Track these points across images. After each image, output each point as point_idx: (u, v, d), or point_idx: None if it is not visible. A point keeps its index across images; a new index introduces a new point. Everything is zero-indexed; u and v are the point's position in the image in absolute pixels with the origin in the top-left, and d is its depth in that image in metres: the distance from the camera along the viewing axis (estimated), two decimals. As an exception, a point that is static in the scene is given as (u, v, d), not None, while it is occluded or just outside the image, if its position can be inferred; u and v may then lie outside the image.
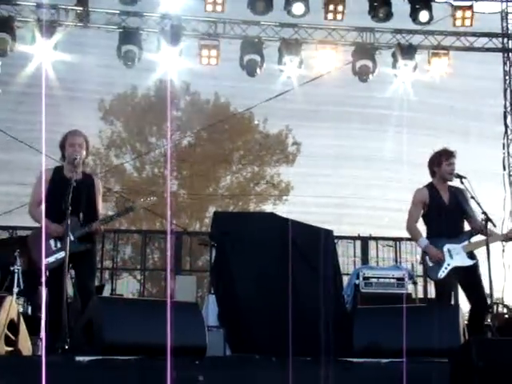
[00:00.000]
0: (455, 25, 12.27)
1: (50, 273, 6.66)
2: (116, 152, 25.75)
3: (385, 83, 13.02)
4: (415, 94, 12.87)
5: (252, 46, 12.09)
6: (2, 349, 5.16)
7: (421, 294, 12.41)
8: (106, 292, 12.09)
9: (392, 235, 14.65)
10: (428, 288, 13.32)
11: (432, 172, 7.60)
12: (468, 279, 7.26)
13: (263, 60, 12.09)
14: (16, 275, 8.38)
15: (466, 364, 4.91)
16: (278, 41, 12.24)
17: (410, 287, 10.60)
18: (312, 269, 9.16)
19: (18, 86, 13.35)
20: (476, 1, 12.22)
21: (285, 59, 12.14)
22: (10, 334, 5.44)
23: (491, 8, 12.75)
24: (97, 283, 12.44)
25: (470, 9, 12.13)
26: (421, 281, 12.35)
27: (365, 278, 10.42)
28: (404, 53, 12.21)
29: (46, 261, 6.51)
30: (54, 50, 11.55)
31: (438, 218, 7.39)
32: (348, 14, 11.98)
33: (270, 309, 8.55)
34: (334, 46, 12.40)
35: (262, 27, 12.27)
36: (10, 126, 13.80)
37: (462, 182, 7.37)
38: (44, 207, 6.73)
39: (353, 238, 14.52)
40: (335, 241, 10.79)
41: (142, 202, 7.13)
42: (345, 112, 16.37)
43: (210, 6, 11.61)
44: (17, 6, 11.59)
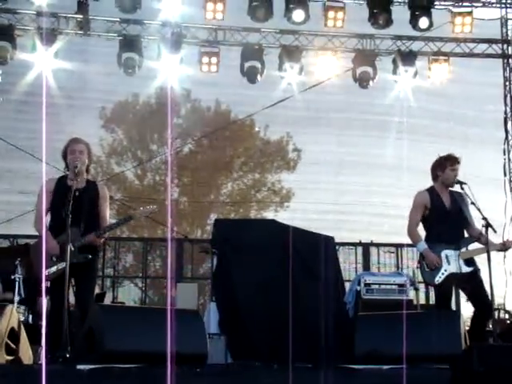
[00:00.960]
0: (455, 31, 12.28)
1: (50, 283, 6.65)
2: (117, 160, 25.76)
3: (385, 90, 13.03)
4: (416, 101, 12.88)
5: (252, 52, 12.10)
6: (2, 357, 5.16)
7: (422, 301, 12.39)
8: (108, 300, 12.09)
9: (393, 241, 14.65)
10: (430, 294, 13.32)
11: (435, 176, 7.59)
12: (469, 286, 7.26)
13: (264, 67, 12.10)
14: (17, 284, 8.37)
15: (467, 370, 4.90)
16: (279, 47, 12.25)
17: (411, 293, 10.58)
18: (313, 275, 9.16)
19: (18, 94, 13.37)
20: (475, 7, 12.24)
21: (285, 66, 12.14)
22: (11, 343, 5.44)
23: (491, 14, 12.76)
24: (98, 291, 12.49)
25: (469, 15, 12.14)
26: (422, 287, 12.33)
27: (366, 285, 10.41)
28: (404, 59, 12.22)
29: (47, 271, 6.51)
30: (55, 58, 11.57)
31: (439, 223, 7.39)
32: (348, 21, 12.00)
33: (271, 315, 8.54)
34: (334, 53, 12.41)
35: (262, 34, 12.29)
36: (11, 134, 13.81)
37: (462, 188, 7.36)
38: (45, 218, 6.73)
39: (354, 245, 14.51)
40: (336, 247, 10.81)
41: (141, 211, 7.09)
42: (345, 118, 16.39)
43: (210, 13, 11.63)
44: (17, 14, 11.61)
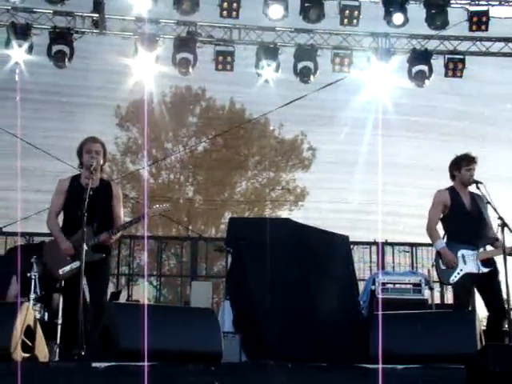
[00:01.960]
0: (471, 29, 12.22)
1: (65, 282, 6.69)
2: (132, 158, 25.85)
3: (399, 89, 12.99)
4: (430, 100, 12.83)
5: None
6: (19, 355, 5.19)
7: (437, 300, 12.36)
8: (123, 298, 12.13)
9: (408, 241, 14.62)
10: (445, 294, 13.29)
11: (452, 176, 7.61)
12: (485, 286, 7.24)
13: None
14: (33, 281, 8.41)
15: (482, 370, 4.89)
16: (294, 46, 12.24)
17: (426, 293, 10.55)
18: (328, 275, 9.17)
19: (35, 93, 13.43)
20: (492, 5, 12.16)
21: (299, 65, 12.14)
22: (27, 340, 5.47)
23: (507, 13, 12.66)
24: (113, 289, 12.54)
25: (485, 14, 12.08)
26: (437, 286, 12.30)
27: (381, 284, 10.38)
28: (419, 58, 12.18)
29: (61, 270, 6.54)
30: (70, 57, 11.61)
31: (458, 222, 7.38)
32: (363, 20, 11.95)
33: (286, 314, 8.55)
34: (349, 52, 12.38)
35: (277, 33, 12.27)
36: (26, 132, 13.88)
37: (478, 188, 7.34)
38: (57, 219, 6.78)
39: (369, 244, 14.48)
40: (351, 246, 10.80)
41: (154, 209, 7.10)
42: (360, 117, 16.37)
43: (225, 12, 11.63)
44: (33, 13, 11.65)
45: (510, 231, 7.15)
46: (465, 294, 7.33)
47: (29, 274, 8.38)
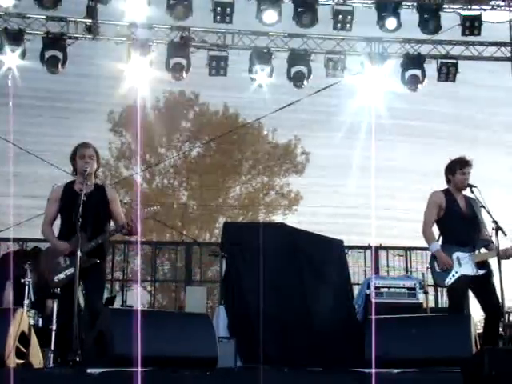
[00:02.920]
0: (464, 34, 12.26)
1: (61, 288, 6.67)
2: (125, 163, 25.85)
3: (394, 94, 13.02)
4: (424, 104, 12.86)
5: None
6: (13, 361, 5.16)
7: (432, 304, 12.37)
8: (117, 303, 12.10)
9: (402, 245, 14.63)
10: (439, 297, 13.29)
11: (447, 179, 7.62)
12: (481, 288, 7.24)
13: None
14: (27, 287, 8.38)
15: (478, 373, 4.89)
16: (287, 51, 12.26)
17: (420, 297, 10.56)
18: (322, 279, 9.17)
19: (27, 98, 13.40)
20: (484, 10, 12.21)
21: (293, 70, 12.17)
22: (21, 347, 5.45)
23: (499, 17, 12.70)
24: (108, 295, 12.50)
25: (478, 18, 12.12)
26: (432, 290, 12.30)
27: (375, 288, 10.38)
28: (412, 63, 12.21)
29: (56, 278, 6.54)
30: (63, 63, 11.61)
31: (453, 225, 7.39)
32: (356, 25, 11.98)
33: (281, 319, 8.55)
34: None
35: (270, 38, 12.29)
36: (19, 138, 13.85)
37: (472, 191, 7.36)
38: (51, 227, 6.77)
39: (363, 248, 14.47)
40: (345, 251, 10.80)
41: (145, 212, 7.09)
42: (353, 122, 16.39)
43: (219, 17, 11.64)
44: (27, 18, 11.64)
45: (504, 234, 7.17)
46: (460, 297, 7.33)
47: (22, 280, 8.35)
